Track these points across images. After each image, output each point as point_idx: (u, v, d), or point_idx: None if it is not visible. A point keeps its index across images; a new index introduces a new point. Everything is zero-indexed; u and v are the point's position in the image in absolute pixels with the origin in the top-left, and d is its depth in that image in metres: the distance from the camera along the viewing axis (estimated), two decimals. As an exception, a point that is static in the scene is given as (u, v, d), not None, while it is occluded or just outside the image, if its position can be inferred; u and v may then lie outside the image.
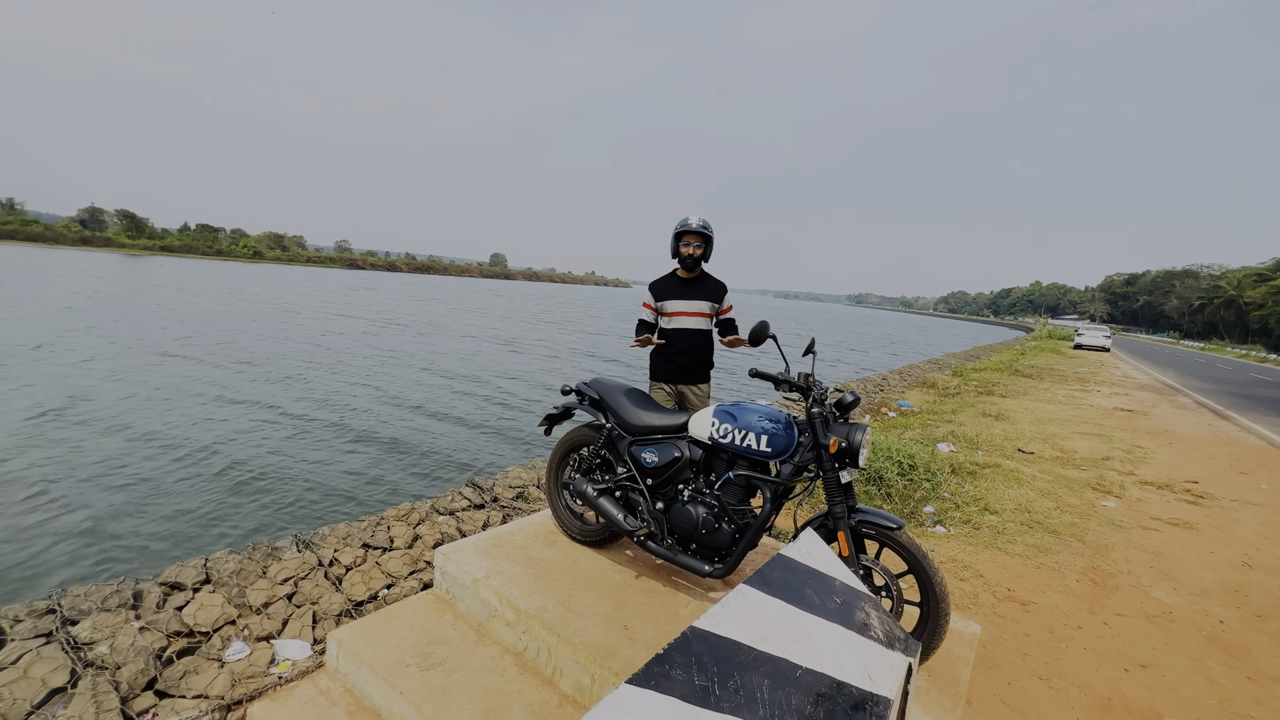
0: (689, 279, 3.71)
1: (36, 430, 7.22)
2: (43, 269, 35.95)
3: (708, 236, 3.62)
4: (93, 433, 7.37)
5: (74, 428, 7.49)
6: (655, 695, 1.05)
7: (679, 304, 3.68)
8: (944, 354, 27.33)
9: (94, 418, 7.98)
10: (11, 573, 4.06)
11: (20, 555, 4.31)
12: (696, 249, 3.60)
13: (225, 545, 4.26)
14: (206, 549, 4.14)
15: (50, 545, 4.51)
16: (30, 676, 2.36)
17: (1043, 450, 7.10)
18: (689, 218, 3.64)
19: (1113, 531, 4.47)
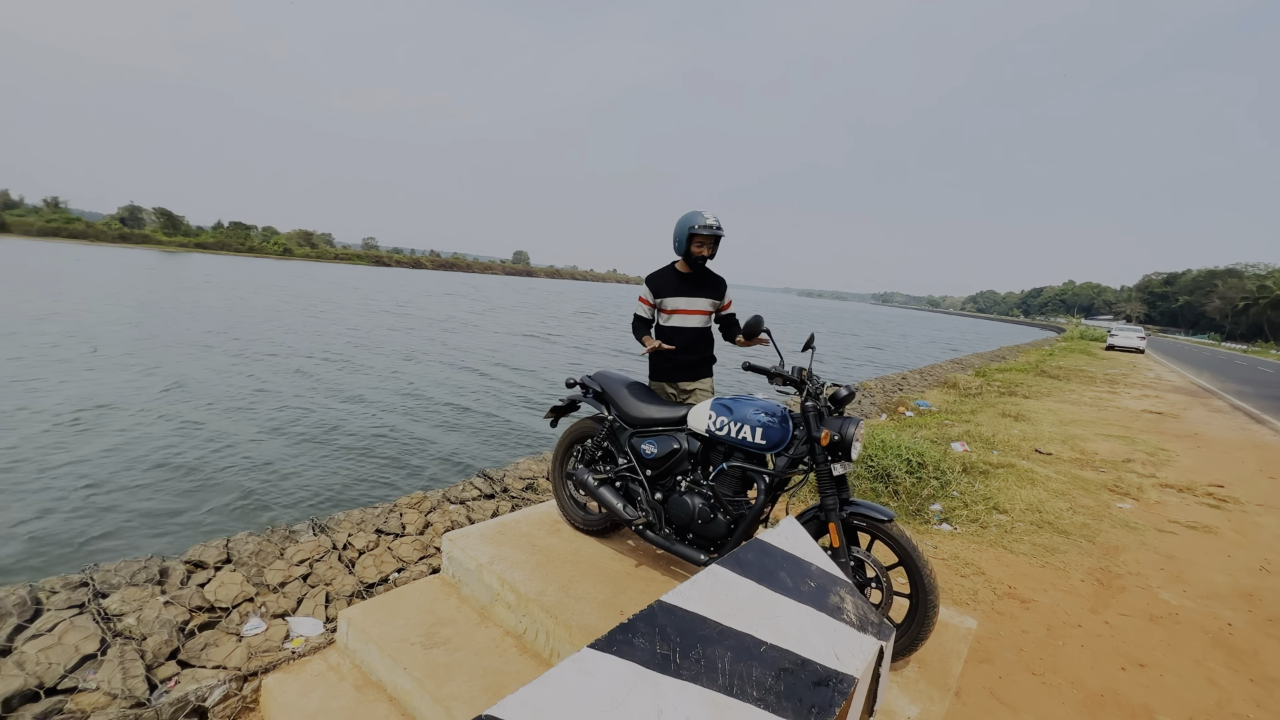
0: (690, 274, 3.44)
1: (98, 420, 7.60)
2: (92, 265, 37.34)
3: (720, 238, 3.30)
4: (153, 418, 7.78)
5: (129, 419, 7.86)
6: (616, 659, 1.12)
7: (679, 301, 3.42)
8: (968, 354, 26.84)
9: (170, 405, 8.37)
10: (57, 538, 4.37)
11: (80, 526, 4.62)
12: (709, 251, 3.31)
13: (246, 527, 4.45)
14: (229, 530, 4.37)
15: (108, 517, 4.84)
16: (64, 643, 2.52)
17: (1061, 451, 6.98)
18: (704, 215, 3.23)
19: (1126, 533, 4.40)
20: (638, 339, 3.52)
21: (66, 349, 11.89)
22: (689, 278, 3.45)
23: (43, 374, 9.79)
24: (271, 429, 8.06)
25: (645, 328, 3.55)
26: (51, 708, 2.30)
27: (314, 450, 7.37)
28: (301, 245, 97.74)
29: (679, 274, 3.46)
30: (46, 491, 5.42)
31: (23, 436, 6.80)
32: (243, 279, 38.25)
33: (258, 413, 8.79)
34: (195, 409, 8.66)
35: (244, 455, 6.90)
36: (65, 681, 2.40)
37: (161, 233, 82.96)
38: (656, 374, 3.59)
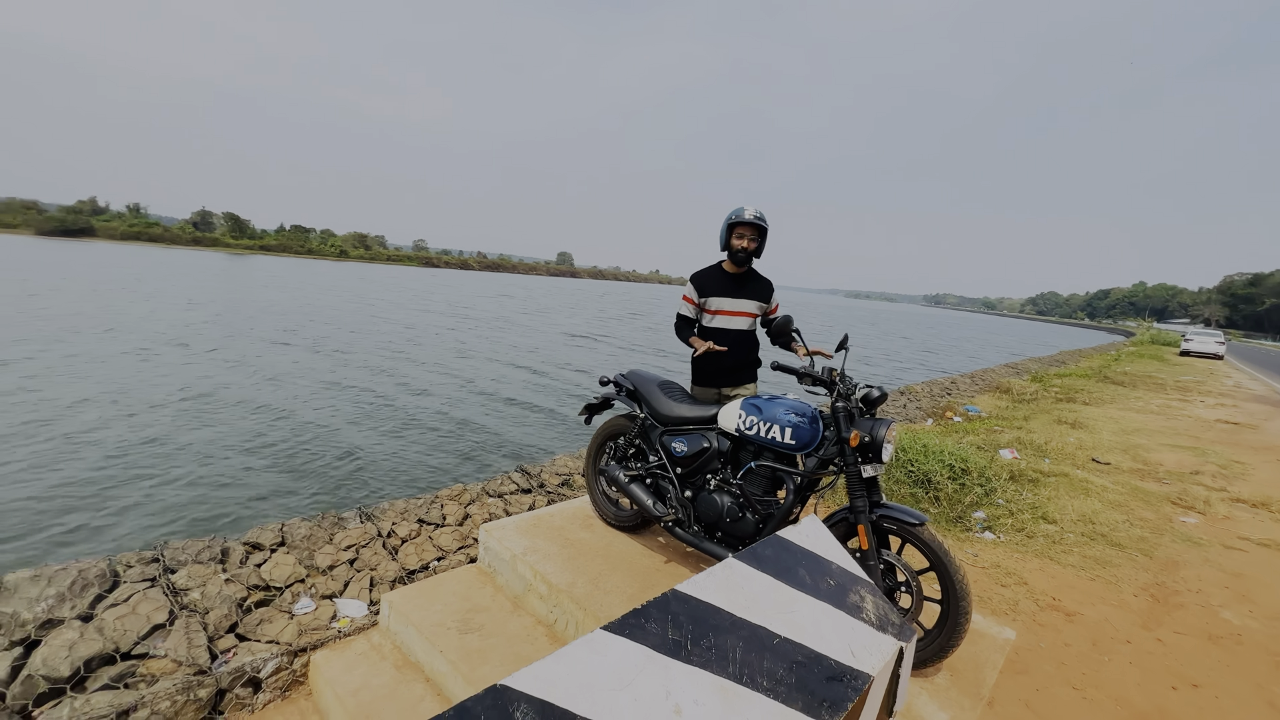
0: (737, 275, 3.37)
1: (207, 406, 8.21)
2: (186, 270, 39.97)
3: (763, 229, 3.26)
4: (233, 411, 8.38)
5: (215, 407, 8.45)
6: (627, 642, 1.17)
7: (725, 302, 3.36)
8: (1025, 358, 25.67)
9: (224, 398, 8.98)
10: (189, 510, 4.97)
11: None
12: (750, 242, 3.24)
13: (299, 513, 4.73)
14: (285, 514, 4.66)
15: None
16: (138, 613, 2.75)
17: (1121, 461, 6.63)
18: (743, 208, 3.24)
19: (1188, 549, 4.16)
20: (682, 339, 3.44)
21: (161, 345, 12.91)
22: (735, 278, 3.39)
23: (146, 368, 10.71)
24: (332, 420, 8.59)
25: (689, 328, 3.47)
26: (125, 671, 2.51)
27: (369, 440, 7.77)
28: (356, 247, 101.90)
29: (725, 274, 3.40)
30: (160, 470, 6.07)
31: (146, 421, 7.51)
32: (306, 280, 40.31)
33: (320, 405, 9.37)
34: (267, 400, 9.34)
35: (305, 443, 7.38)
36: (138, 648, 2.62)
37: (229, 236, 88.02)
38: (700, 378, 3.53)
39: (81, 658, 2.49)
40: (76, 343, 12.41)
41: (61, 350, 11.55)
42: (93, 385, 9.27)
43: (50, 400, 8.28)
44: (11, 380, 9.10)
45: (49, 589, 2.73)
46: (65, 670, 2.43)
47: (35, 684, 2.39)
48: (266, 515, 5.27)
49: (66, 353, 11.39)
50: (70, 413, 7.81)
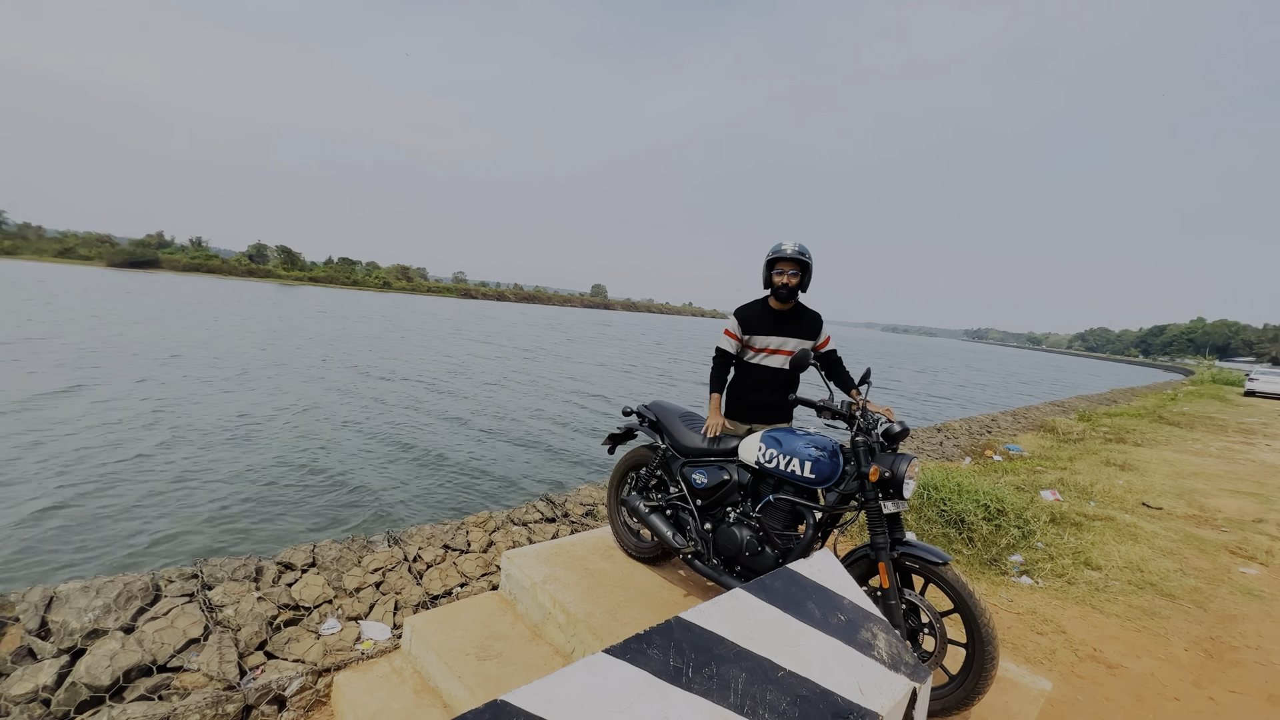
0: (782, 311, 3.24)
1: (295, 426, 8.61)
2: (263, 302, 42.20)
3: (805, 264, 3.12)
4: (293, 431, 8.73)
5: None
6: (628, 666, 1.19)
7: (769, 340, 3.22)
8: (1073, 395, 24.65)
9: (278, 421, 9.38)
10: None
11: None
12: (792, 277, 3.11)
13: (330, 535, 4.86)
14: (320, 535, 4.82)
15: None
16: (175, 627, 2.87)
17: (1174, 506, 6.27)
18: (783, 243, 3.14)
19: (1248, 601, 3.90)
20: (713, 385, 3.31)
21: (221, 371, 13.72)
22: (780, 315, 3.25)
23: (207, 392, 11.46)
24: (370, 445, 8.93)
25: (726, 366, 3.34)
26: (161, 683, 2.61)
27: (403, 466, 8.01)
28: (399, 279, 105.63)
29: (770, 310, 3.26)
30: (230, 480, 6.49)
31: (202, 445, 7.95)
32: (351, 310, 42.02)
33: (362, 429, 9.78)
34: (315, 425, 9.79)
35: (344, 468, 7.67)
36: (173, 661, 2.73)
37: (281, 268, 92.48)
38: (734, 413, 3.39)
39: (121, 668, 2.60)
40: (148, 370, 13.25)
41: (142, 374, 12.37)
42: (152, 406, 9.84)
43: (129, 422, 8.84)
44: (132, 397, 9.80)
45: (96, 600, 2.87)
46: (106, 680, 2.55)
47: (78, 692, 2.50)
48: (305, 536, 5.49)
49: (145, 378, 12.18)
50: (145, 434, 8.35)
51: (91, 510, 5.78)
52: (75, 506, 5.84)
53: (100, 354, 14.70)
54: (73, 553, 4.94)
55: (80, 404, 9.77)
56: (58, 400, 9.88)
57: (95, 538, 5.22)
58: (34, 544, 5.02)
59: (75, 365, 12.82)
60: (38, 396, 9.92)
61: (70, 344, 15.66)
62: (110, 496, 6.12)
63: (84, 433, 8.20)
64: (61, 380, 11.23)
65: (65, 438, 7.88)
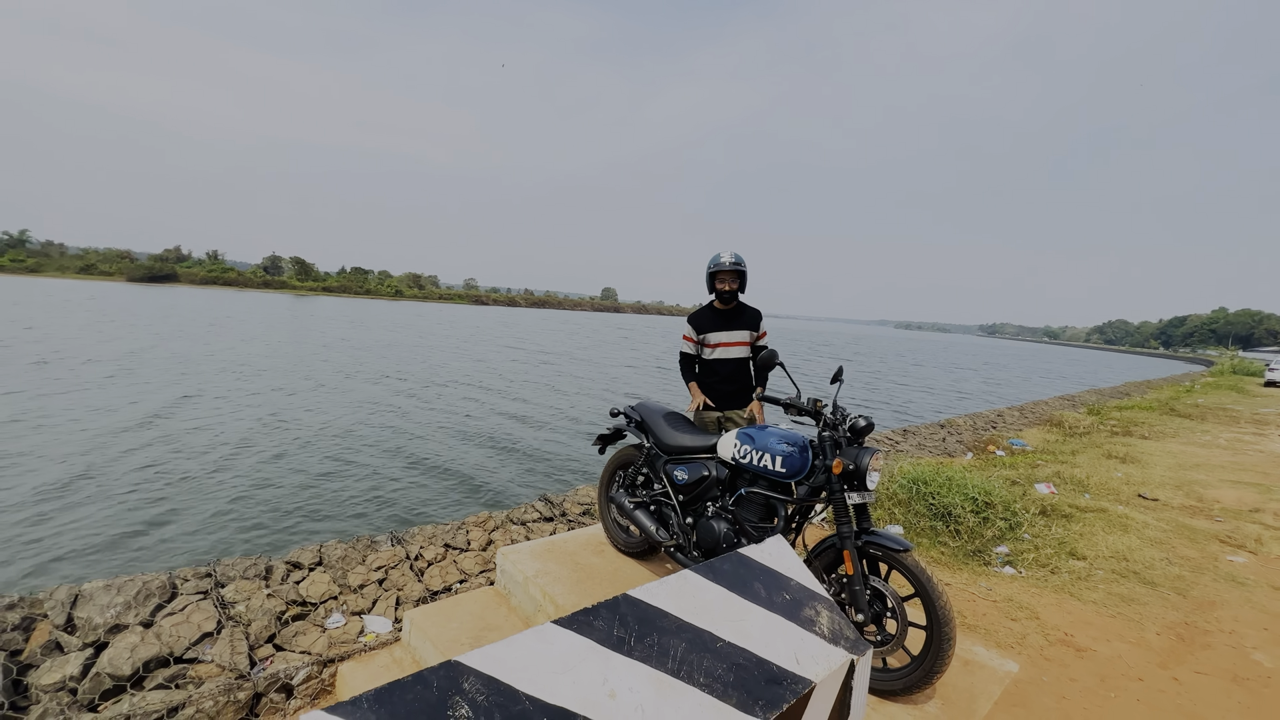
0: (726, 310, 3.84)
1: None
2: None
3: (741, 271, 3.72)
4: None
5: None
6: (574, 635, 1.34)
7: (719, 335, 3.80)
8: (1084, 389, 24.41)
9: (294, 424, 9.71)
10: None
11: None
12: (732, 283, 3.72)
13: (336, 535, 5.09)
14: (324, 536, 5.05)
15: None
16: (190, 622, 3.06)
17: (1171, 497, 6.30)
18: (721, 255, 3.71)
19: (1230, 589, 3.96)
20: (685, 380, 3.93)
21: (302, 381, 14.71)
22: (725, 313, 3.85)
23: (318, 399, 12.40)
24: (393, 447, 9.49)
25: (691, 364, 3.95)
26: (177, 673, 2.81)
27: (412, 467, 8.33)
28: (411, 287, 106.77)
29: (715, 310, 3.88)
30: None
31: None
32: (369, 318, 42.93)
33: (393, 432, 10.49)
34: (357, 429, 10.50)
35: (361, 470, 8.08)
36: (189, 653, 2.92)
37: (295, 279, 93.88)
38: (706, 405, 3.88)
39: (141, 659, 2.80)
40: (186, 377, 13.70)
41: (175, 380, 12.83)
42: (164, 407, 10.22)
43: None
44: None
45: (118, 597, 3.08)
46: (127, 670, 2.75)
47: (102, 681, 2.70)
48: (320, 534, 5.83)
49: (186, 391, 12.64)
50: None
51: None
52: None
53: (191, 367, 15.86)
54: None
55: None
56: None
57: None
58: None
59: (186, 379, 14.19)
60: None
61: (163, 359, 16.82)
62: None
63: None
64: (177, 391, 12.75)
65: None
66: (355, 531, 5.78)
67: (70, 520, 5.93)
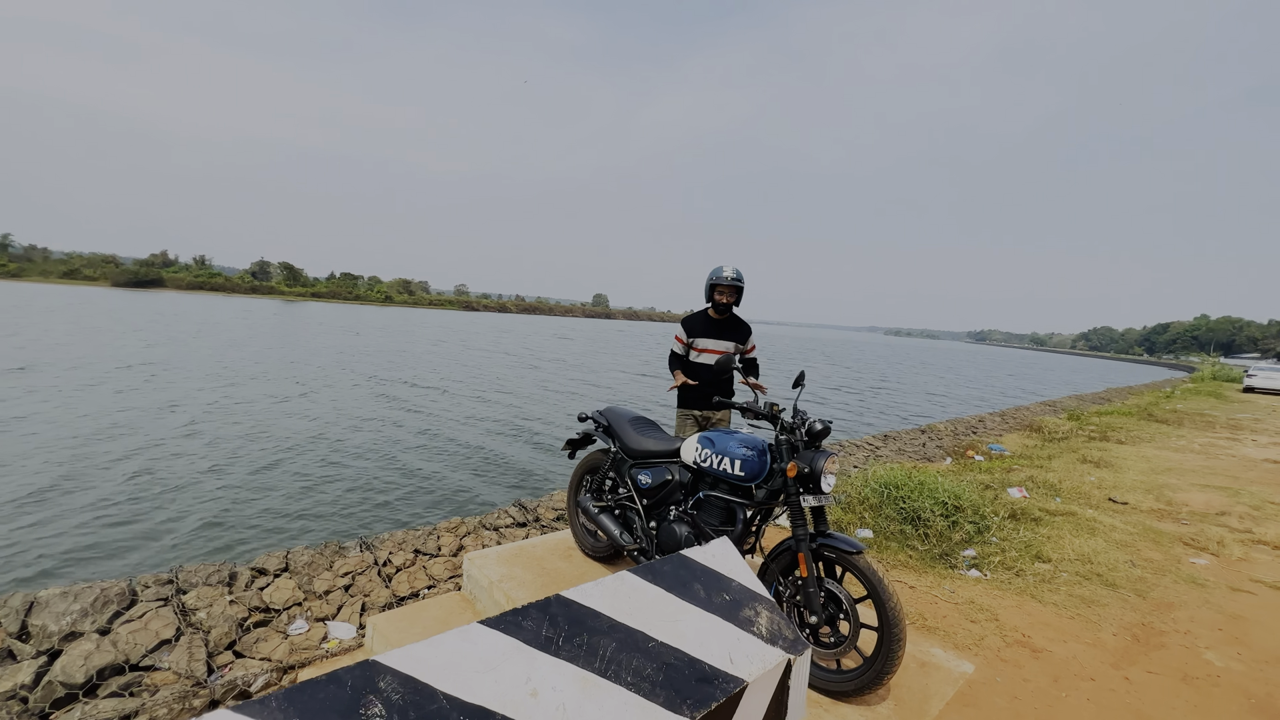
0: (720, 320, 4.02)
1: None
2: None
3: (739, 287, 3.92)
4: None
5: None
6: (499, 634, 1.35)
7: (709, 341, 3.98)
8: (1065, 395, 24.70)
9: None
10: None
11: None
12: (729, 297, 3.92)
13: (306, 540, 5.05)
14: (291, 543, 5.01)
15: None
16: (148, 629, 3.04)
17: (1141, 501, 6.40)
18: (723, 268, 3.90)
19: (1189, 590, 4.03)
20: (670, 371, 4.12)
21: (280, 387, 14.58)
22: (718, 323, 4.03)
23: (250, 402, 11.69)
24: (384, 451, 9.66)
25: (678, 361, 4.13)
26: (132, 680, 2.78)
27: (397, 471, 8.33)
28: (401, 293, 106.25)
29: (709, 318, 4.06)
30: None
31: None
32: (360, 324, 42.83)
33: (386, 438, 10.66)
34: (355, 432, 10.80)
35: (346, 475, 8.13)
36: (145, 660, 2.90)
37: (284, 284, 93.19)
38: (684, 402, 4.10)
39: (95, 667, 2.77)
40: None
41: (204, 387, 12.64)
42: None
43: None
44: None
45: (74, 604, 3.05)
46: (80, 678, 2.72)
47: (54, 689, 2.68)
48: (294, 539, 5.80)
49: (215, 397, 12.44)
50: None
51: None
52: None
53: (212, 372, 16.36)
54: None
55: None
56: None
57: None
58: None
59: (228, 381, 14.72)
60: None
61: (190, 364, 17.43)
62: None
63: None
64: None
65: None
66: (356, 533, 5.80)
67: (67, 524, 5.93)
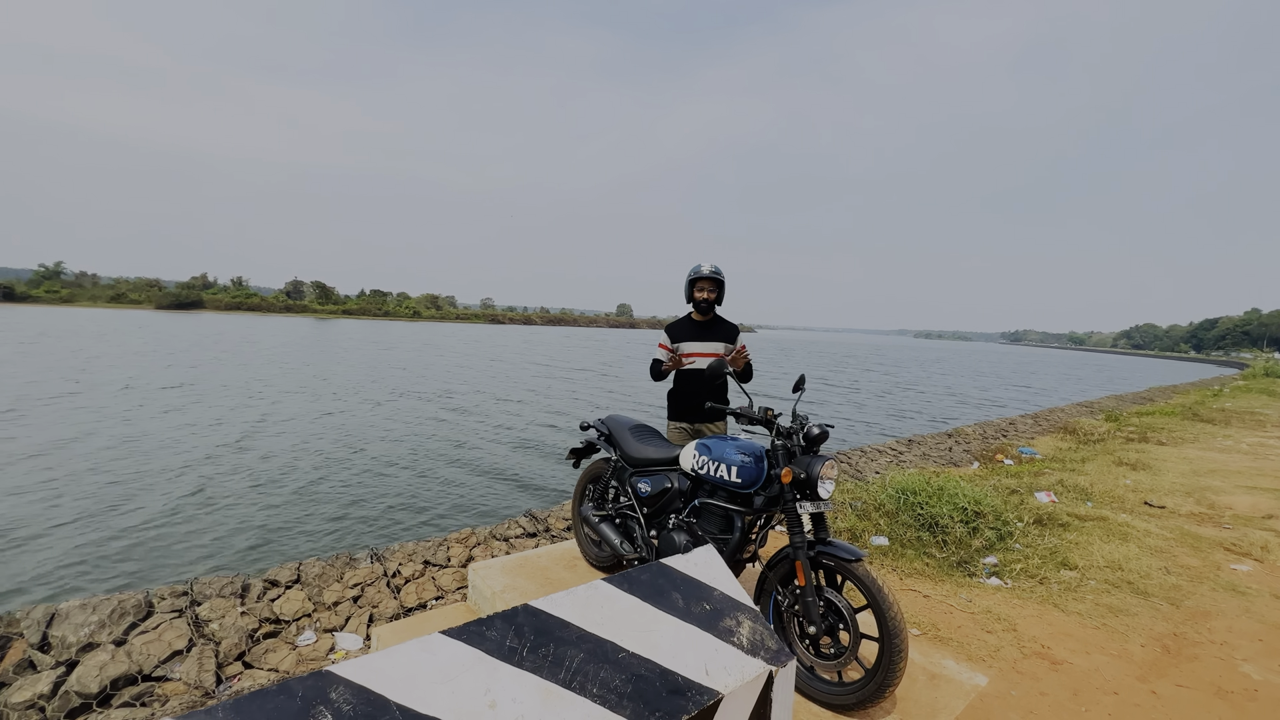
0: (704, 322, 3.81)
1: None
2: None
3: (719, 281, 3.72)
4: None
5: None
6: (461, 645, 1.34)
7: (694, 345, 3.75)
8: (1104, 395, 23.81)
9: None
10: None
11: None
12: (710, 293, 3.71)
13: (315, 554, 5.15)
14: (305, 554, 5.13)
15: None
16: (162, 640, 3.11)
17: (1180, 504, 6.09)
18: (701, 265, 3.72)
19: (1229, 598, 3.81)
20: (655, 376, 3.81)
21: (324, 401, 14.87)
22: (702, 325, 3.82)
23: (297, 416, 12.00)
24: (409, 462, 9.86)
25: (660, 369, 3.82)
26: (144, 690, 2.85)
27: (425, 480, 8.52)
28: (429, 308, 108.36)
29: (693, 322, 3.84)
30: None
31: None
32: (392, 339, 43.81)
33: (414, 449, 10.89)
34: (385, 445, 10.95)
35: (366, 485, 8.39)
36: (157, 671, 2.97)
37: (316, 302, 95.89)
38: (675, 414, 3.88)
39: (109, 677, 2.85)
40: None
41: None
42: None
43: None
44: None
45: (93, 616, 3.14)
46: (94, 688, 2.80)
47: (70, 699, 2.75)
48: (314, 550, 5.97)
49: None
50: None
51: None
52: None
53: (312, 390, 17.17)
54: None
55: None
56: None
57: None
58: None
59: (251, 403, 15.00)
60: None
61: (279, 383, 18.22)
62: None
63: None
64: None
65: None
66: (380, 542, 5.93)
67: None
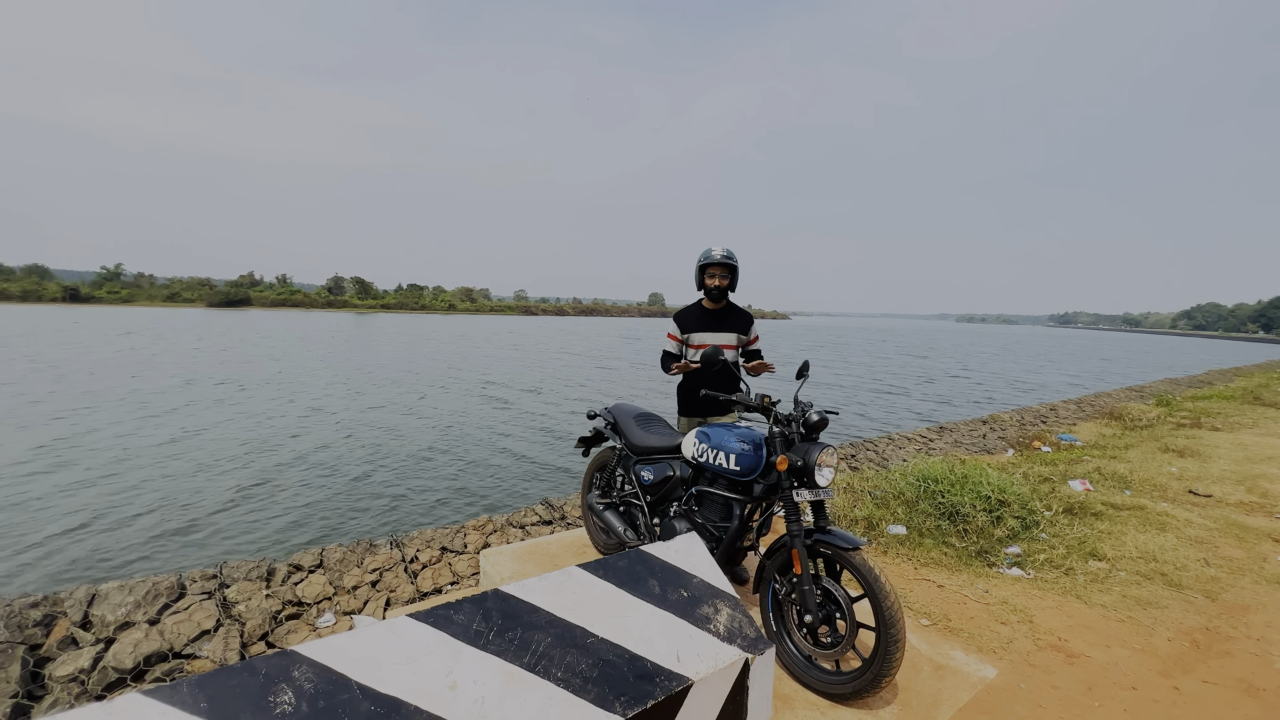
0: (715, 310, 3.66)
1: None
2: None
3: (732, 266, 3.53)
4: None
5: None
6: (426, 628, 1.37)
7: (706, 335, 3.60)
8: (1158, 379, 22.64)
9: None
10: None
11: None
12: (722, 279, 3.53)
13: (339, 538, 5.34)
14: (327, 540, 5.33)
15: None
16: (192, 620, 3.28)
17: (1229, 493, 5.77)
18: (712, 249, 3.53)
19: (1272, 591, 3.60)
20: (665, 371, 3.65)
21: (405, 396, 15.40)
22: (714, 313, 3.67)
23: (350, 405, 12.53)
24: (445, 449, 10.30)
25: (672, 361, 3.67)
26: (174, 668, 3.01)
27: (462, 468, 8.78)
28: (464, 301, 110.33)
29: (704, 310, 3.68)
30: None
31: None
32: (431, 332, 44.92)
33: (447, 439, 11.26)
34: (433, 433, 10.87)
35: (397, 473, 8.66)
36: (187, 649, 3.13)
37: (356, 298, 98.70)
38: (685, 409, 3.78)
39: (143, 654, 3.02)
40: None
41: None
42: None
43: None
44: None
45: (129, 597, 3.34)
46: (129, 664, 2.97)
47: (107, 674, 2.94)
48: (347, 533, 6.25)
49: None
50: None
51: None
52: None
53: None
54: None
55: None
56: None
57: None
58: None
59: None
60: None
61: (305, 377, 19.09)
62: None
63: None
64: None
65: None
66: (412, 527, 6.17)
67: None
